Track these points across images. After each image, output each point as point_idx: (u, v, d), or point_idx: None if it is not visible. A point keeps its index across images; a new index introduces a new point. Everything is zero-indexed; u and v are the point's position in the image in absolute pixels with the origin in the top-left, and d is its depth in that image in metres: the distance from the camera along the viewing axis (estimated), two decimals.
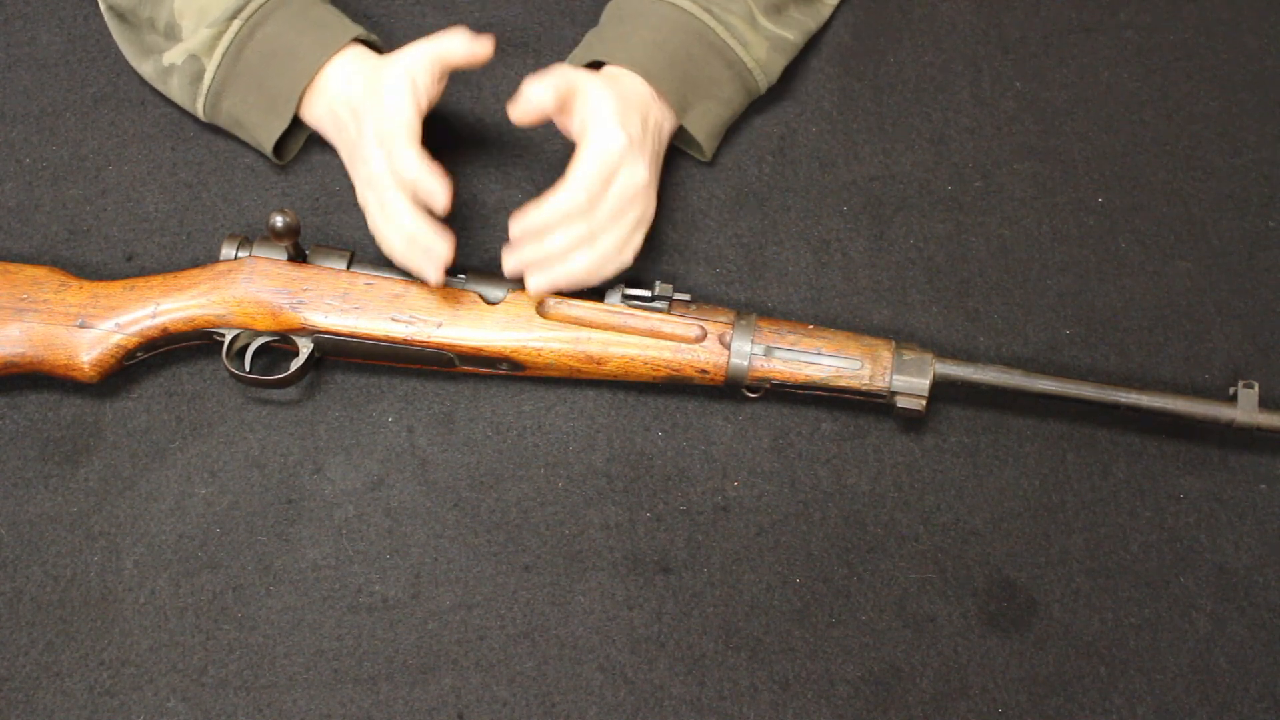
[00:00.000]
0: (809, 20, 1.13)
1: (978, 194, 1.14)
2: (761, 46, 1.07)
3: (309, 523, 1.03)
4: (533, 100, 0.96)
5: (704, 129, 1.06)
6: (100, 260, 1.09)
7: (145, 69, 1.08)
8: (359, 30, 1.04)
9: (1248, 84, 1.18)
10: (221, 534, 1.02)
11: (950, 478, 1.06)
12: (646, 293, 1.00)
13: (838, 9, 1.17)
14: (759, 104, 1.13)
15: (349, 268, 1.00)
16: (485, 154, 1.13)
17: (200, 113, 1.07)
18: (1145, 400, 0.98)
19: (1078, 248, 1.12)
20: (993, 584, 1.03)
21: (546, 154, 1.12)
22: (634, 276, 1.04)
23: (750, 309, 1.07)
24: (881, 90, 1.16)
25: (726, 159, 1.13)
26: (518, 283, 0.99)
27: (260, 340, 1.01)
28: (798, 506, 1.04)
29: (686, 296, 1.00)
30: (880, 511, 1.04)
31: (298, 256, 1.00)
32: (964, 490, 1.05)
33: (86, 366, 0.99)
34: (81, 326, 0.98)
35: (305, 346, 1.00)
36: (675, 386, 1.05)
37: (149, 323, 0.99)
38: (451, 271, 1.00)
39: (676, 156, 1.12)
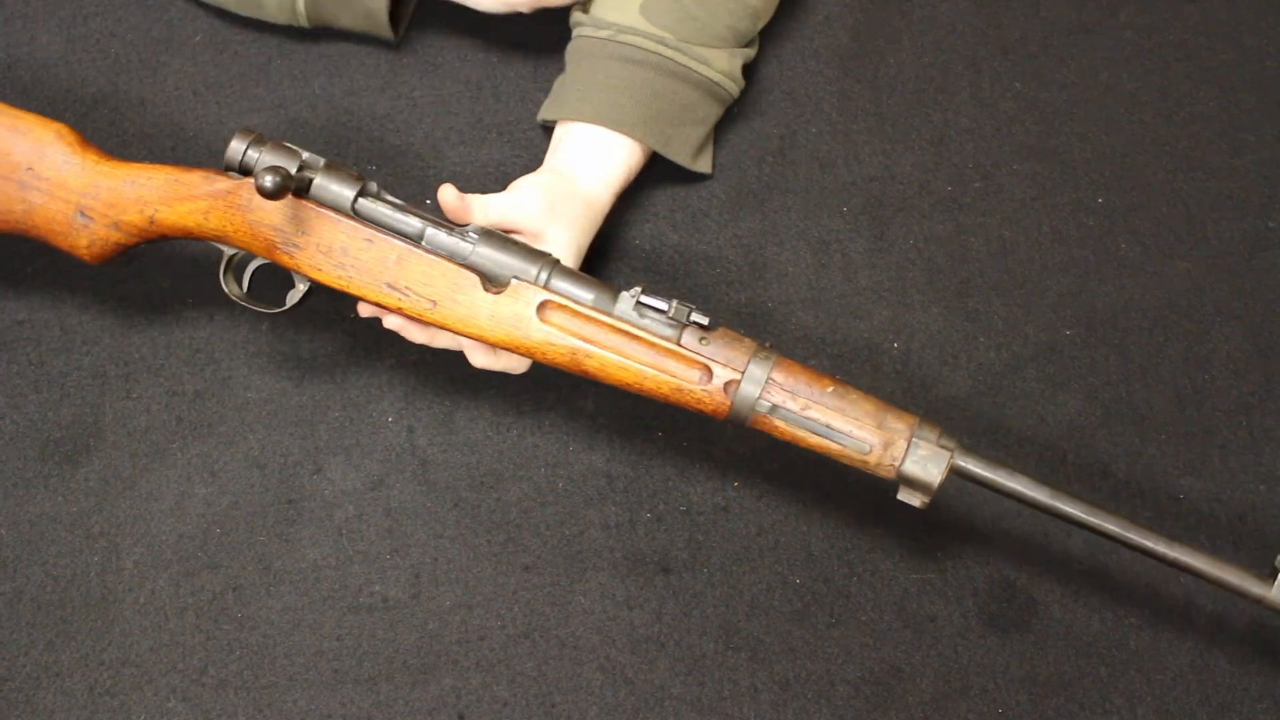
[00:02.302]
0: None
1: (978, 194, 1.14)
2: (722, 57, 1.06)
3: (309, 523, 1.03)
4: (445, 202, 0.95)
5: (687, 153, 1.06)
6: None
7: None
8: None
9: (1248, 84, 1.18)
10: (221, 534, 1.02)
11: (950, 477, 1.05)
12: (663, 306, 0.89)
13: (838, 10, 1.17)
14: (759, 105, 1.13)
15: (355, 202, 0.91)
16: (485, 155, 1.13)
17: (302, 13, 1.08)
18: (1173, 553, 0.88)
19: (1078, 248, 1.12)
20: (993, 584, 1.03)
21: (545, 153, 1.12)
22: (654, 282, 1.03)
23: (769, 338, 1.02)
24: (881, 91, 1.16)
25: (726, 159, 1.13)
26: (522, 260, 0.91)
27: (258, 263, 0.97)
28: (798, 506, 1.04)
29: (705, 320, 0.89)
30: (880, 511, 1.04)
31: (303, 186, 0.90)
32: (965, 490, 1.05)
33: (86, 254, 0.95)
34: (81, 218, 0.94)
35: (301, 284, 0.95)
36: None
37: (146, 227, 0.94)
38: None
39: None
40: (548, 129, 1.10)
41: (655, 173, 1.11)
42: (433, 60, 1.14)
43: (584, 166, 1.02)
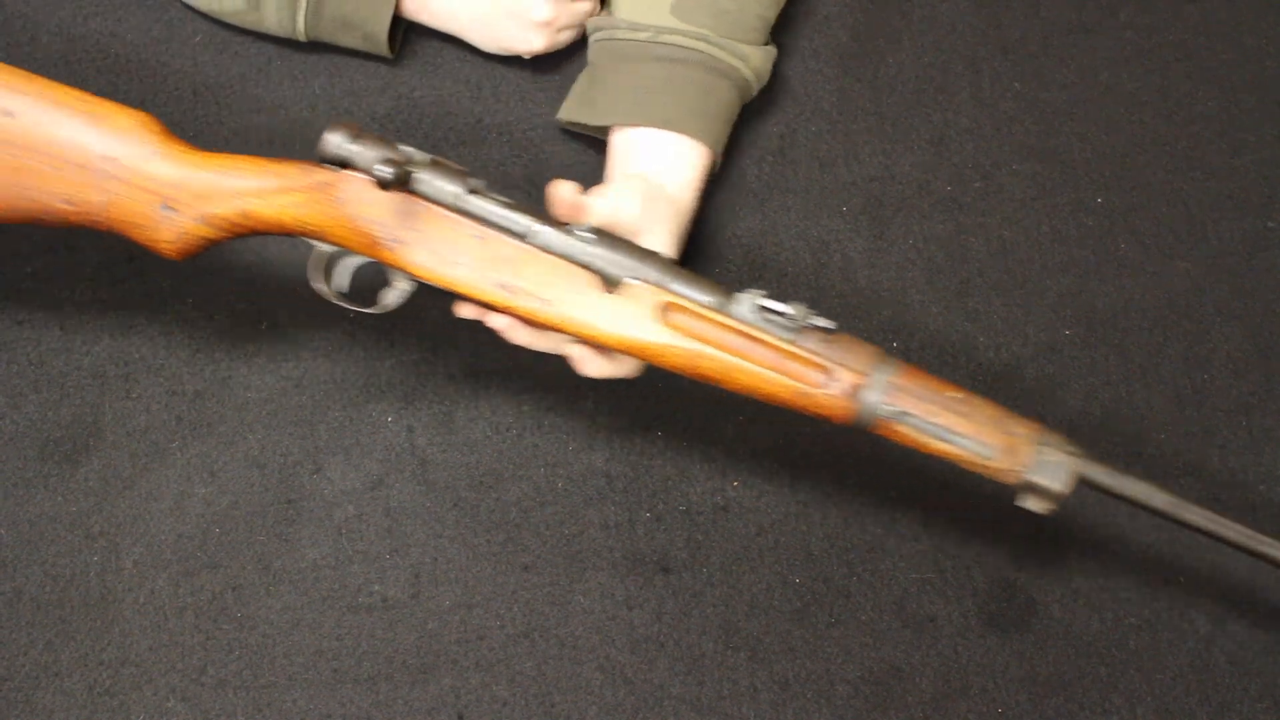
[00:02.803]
0: None
1: (977, 194, 1.14)
2: (757, 55, 1.06)
3: (309, 522, 1.03)
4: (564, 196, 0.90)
5: (721, 150, 1.06)
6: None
7: (228, 6, 1.09)
8: None
9: (1248, 84, 1.18)
10: (221, 534, 1.02)
11: (950, 478, 1.06)
12: (785, 309, 0.85)
13: (838, 9, 1.17)
14: (759, 105, 1.13)
15: (464, 198, 0.87)
16: (485, 154, 1.13)
17: (301, 29, 1.08)
18: None
19: (1077, 248, 1.12)
20: (993, 584, 1.03)
21: (545, 154, 1.12)
22: (773, 288, 1.01)
23: (892, 351, 0.96)
24: (881, 91, 1.16)
25: (726, 160, 1.13)
26: (638, 261, 0.87)
27: (358, 261, 0.92)
28: (798, 506, 1.04)
29: (830, 325, 0.86)
30: (880, 511, 1.04)
31: (406, 179, 0.86)
32: (964, 490, 1.05)
33: (168, 249, 0.90)
34: (166, 211, 0.88)
35: (402, 284, 0.90)
36: (675, 388, 1.05)
37: (238, 221, 0.89)
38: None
39: None
40: (569, 131, 1.11)
41: None
42: (433, 60, 1.14)
43: (664, 171, 1.00)
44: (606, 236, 0.87)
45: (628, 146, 1.02)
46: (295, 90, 1.13)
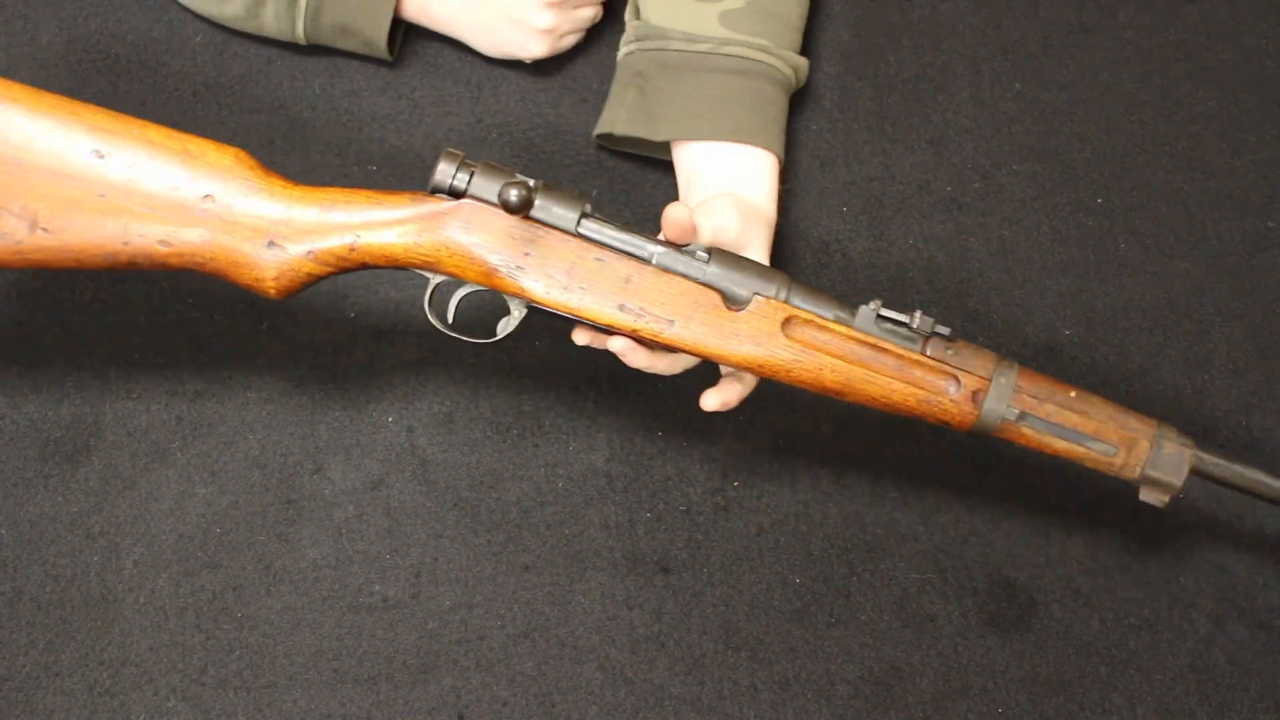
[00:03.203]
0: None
1: (977, 194, 1.14)
2: (804, 66, 1.07)
3: (309, 523, 1.03)
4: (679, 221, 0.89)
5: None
6: None
7: (228, 11, 1.09)
8: None
9: (1248, 84, 1.18)
10: (221, 534, 1.02)
11: (950, 478, 1.06)
12: (905, 319, 0.87)
13: (839, 8, 1.17)
14: None
15: (580, 222, 0.87)
16: (485, 155, 1.13)
17: (300, 34, 1.08)
18: None
19: (1077, 248, 1.12)
20: (993, 584, 1.03)
21: (547, 154, 1.12)
22: (892, 294, 1.01)
23: (1012, 356, 0.96)
24: (881, 90, 1.16)
25: None
26: (759, 278, 0.88)
27: (467, 290, 0.91)
28: (798, 506, 1.04)
29: (946, 331, 0.87)
30: (880, 511, 1.04)
31: (526, 206, 0.85)
32: (964, 490, 1.05)
33: (272, 288, 0.88)
34: (270, 248, 0.86)
35: (517, 310, 0.89)
36: (675, 388, 1.05)
37: (346, 255, 0.87)
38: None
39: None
40: (604, 146, 1.10)
41: (656, 173, 1.11)
42: (433, 60, 1.14)
43: (749, 185, 0.99)
44: (722, 254, 0.88)
45: (701, 162, 1.01)
46: (295, 90, 1.13)
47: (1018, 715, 1.00)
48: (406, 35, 1.13)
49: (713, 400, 0.93)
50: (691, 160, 1.02)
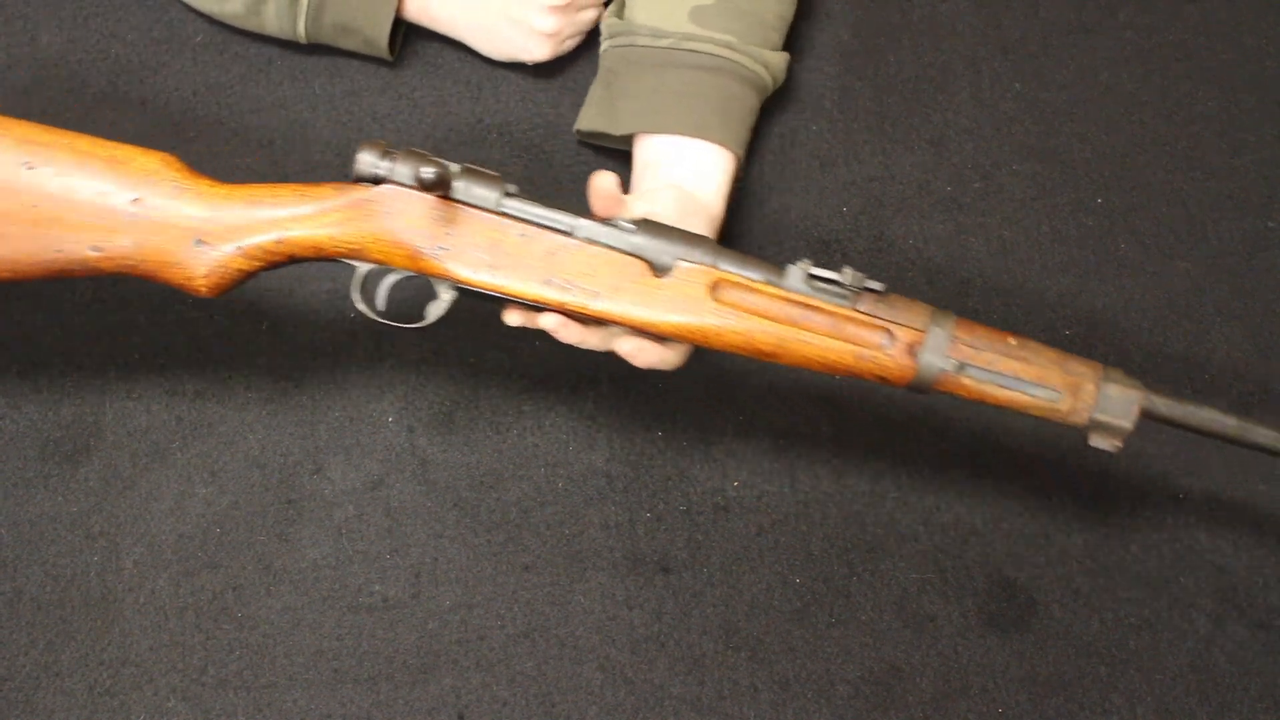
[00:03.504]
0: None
1: (977, 194, 1.14)
2: (776, 61, 1.06)
3: (309, 523, 1.03)
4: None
5: (745, 156, 1.05)
6: None
7: (229, 9, 1.09)
8: None
9: (1248, 84, 1.18)
10: (221, 534, 1.02)
11: (950, 478, 1.06)
12: (835, 277, 0.85)
13: (839, 8, 1.17)
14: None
15: (502, 202, 0.86)
16: (485, 155, 1.13)
17: (301, 33, 1.08)
18: None
19: (1077, 248, 1.12)
20: (993, 584, 1.03)
21: (545, 153, 1.12)
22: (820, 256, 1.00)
23: (947, 306, 0.94)
24: (881, 91, 1.16)
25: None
26: (685, 245, 0.87)
27: (395, 277, 0.91)
28: (798, 506, 1.04)
29: (879, 286, 0.86)
30: (880, 511, 1.04)
31: (442, 184, 0.85)
32: (964, 490, 1.05)
33: (203, 286, 0.89)
34: (198, 245, 0.87)
35: (446, 294, 0.89)
36: (675, 388, 1.05)
37: (274, 249, 0.88)
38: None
39: None
40: (585, 143, 1.10)
41: None
42: (433, 60, 1.14)
43: (696, 180, 0.99)
44: (649, 223, 0.87)
45: (656, 155, 1.01)
46: (295, 90, 1.13)
47: (1018, 715, 1.00)
48: (407, 35, 1.13)
49: (629, 345, 0.90)
50: (647, 153, 1.01)
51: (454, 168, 0.86)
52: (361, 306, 0.90)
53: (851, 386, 0.92)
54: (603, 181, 0.88)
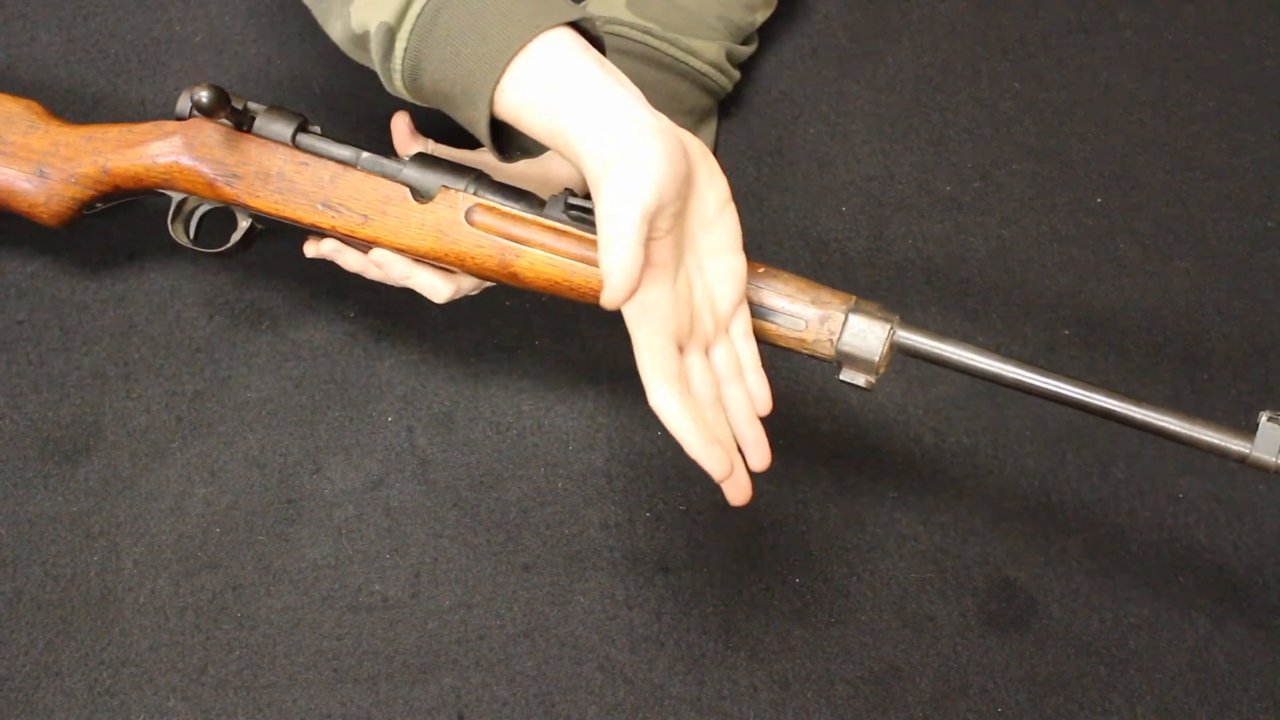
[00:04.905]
0: None
1: (976, 194, 1.14)
2: (711, 48, 1.04)
3: (309, 523, 1.03)
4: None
5: None
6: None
7: (334, 30, 0.89)
8: (575, 11, 0.81)
9: (1247, 84, 1.18)
10: (221, 534, 1.02)
11: (950, 478, 1.06)
12: (590, 205, 0.84)
13: (837, 8, 1.17)
14: (757, 105, 1.13)
15: (295, 137, 0.93)
16: (484, 154, 1.13)
17: (403, 91, 0.86)
18: (1142, 415, 0.83)
19: (1076, 248, 1.12)
20: (993, 584, 1.03)
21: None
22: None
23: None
24: (880, 90, 1.16)
25: (724, 160, 1.13)
26: (450, 174, 0.90)
27: (205, 207, 0.99)
28: (797, 506, 1.04)
29: None
30: (880, 511, 1.04)
31: (245, 123, 0.93)
32: (964, 490, 1.05)
33: (44, 213, 0.99)
34: (40, 176, 0.99)
35: (243, 219, 0.97)
36: None
37: (101, 178, 0.98)
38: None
39: None
40: None
41: None
42: None
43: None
44: (425, 158, 0.92)
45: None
46: (296, 90, 1.13)
47: (1017, 715, 1.00)
48: None
49: (439, 294, 0.94)
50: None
51: (257, 107, 0.94)
52: (173, 234, 0.98)
53: (852, 386, 0.92)
54: (399, 122, 0.98)
